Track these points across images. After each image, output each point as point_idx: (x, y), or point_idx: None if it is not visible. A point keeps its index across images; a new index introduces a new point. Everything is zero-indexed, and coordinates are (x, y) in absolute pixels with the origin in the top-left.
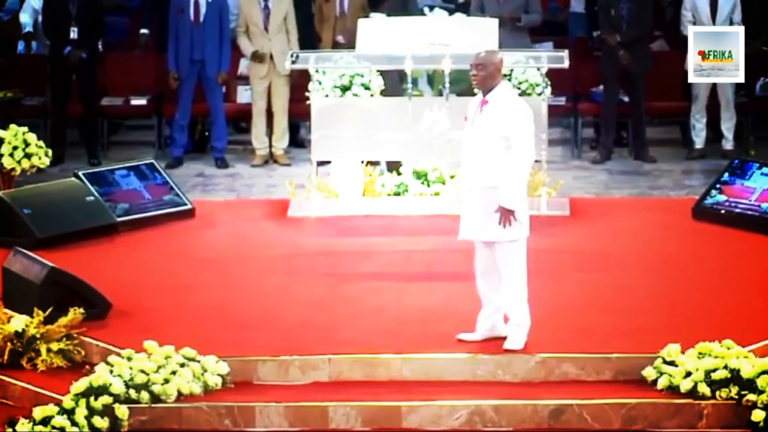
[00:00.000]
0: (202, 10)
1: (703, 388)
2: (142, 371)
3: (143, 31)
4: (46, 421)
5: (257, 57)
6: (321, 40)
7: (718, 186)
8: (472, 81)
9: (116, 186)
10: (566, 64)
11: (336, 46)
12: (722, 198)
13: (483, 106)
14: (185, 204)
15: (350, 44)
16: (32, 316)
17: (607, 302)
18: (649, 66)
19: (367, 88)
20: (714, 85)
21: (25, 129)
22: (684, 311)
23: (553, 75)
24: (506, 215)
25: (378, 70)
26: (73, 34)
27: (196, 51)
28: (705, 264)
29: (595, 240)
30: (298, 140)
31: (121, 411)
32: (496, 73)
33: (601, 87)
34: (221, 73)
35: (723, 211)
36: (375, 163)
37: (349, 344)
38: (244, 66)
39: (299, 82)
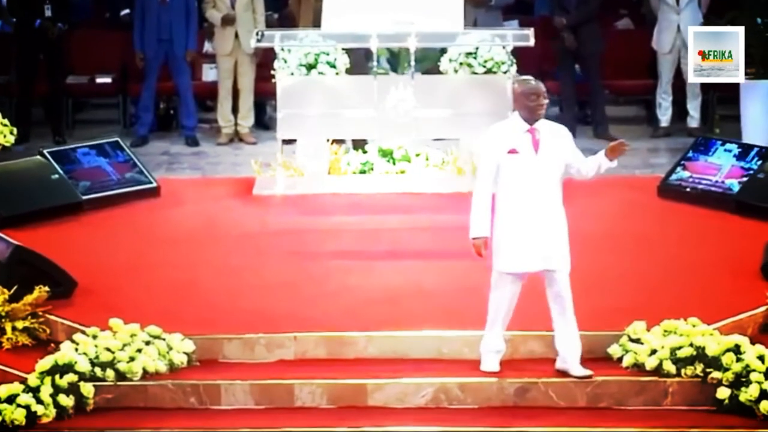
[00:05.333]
0: None
1: (669, 366)
2: (108, 349)
3: (125, 11)
4: (11, 399)
5: (227, 20)
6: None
7: (682, 163)
8: (540, 110)
9: (78, 164)
10: (531, 43)
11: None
12: (686, 174)
13: (536, 134)
14: (150, 182)
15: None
16: None
17: (572, 280)
18: (600, 46)
19: (332, 66)
20: (678, 64)
21: None
22: (649, 289)
23: (518, 53)
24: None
25: (343, 48)
26: (48, 11)
27: (163, 30)
28: (670, 242)
29: None
30: (263, 122)
31: (87, 389)
32: None
33: None
34: (189, 51)
35: (688, 189)
36: (340, 142)
37: (314, 322)
38: (209, 44)
39: (265, 60)
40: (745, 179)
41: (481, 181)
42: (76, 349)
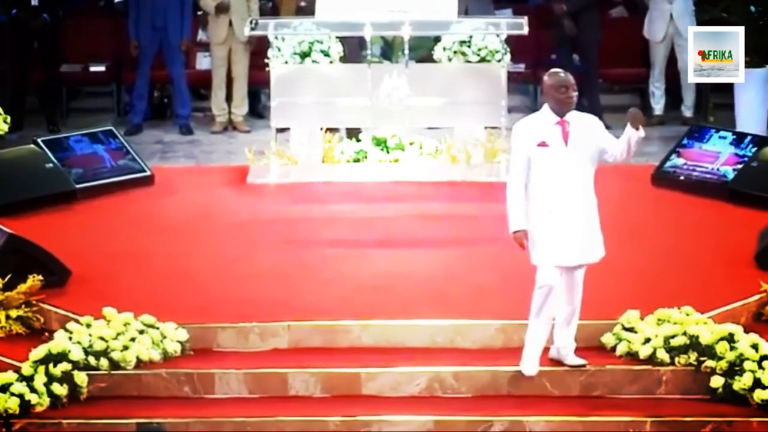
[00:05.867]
0: None
1: (662, 355)
2: (101, 338)
3: None
4: (4, 388)
5: (221, 8)
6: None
7: (677, 150)
8: (569, 103)
9: (71, 151)
10: (525, 31)
11: (299, 11)
12: (681, 161)
13: (567, 127)
14: (144, 171)
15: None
16: None
17: None
18: (598, 34)
19: (326, 54)
20: (672, 52)
21: None
22: (643, 278)
23: (512, 41)
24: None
25: (337, 37)
26: (34, 1)
27: (157, 18)
28: (664, 230)
29: None
30: (257, 110)
31: (80, 378)
32: None
33: None
34: (184, 40)
35: (682, 177)
36: (334, 130)
37: (308, 311)
38: (203, 33)
39: (259, 48)
40: (739, 167)
41: (513, 174)
42: (70, 338)
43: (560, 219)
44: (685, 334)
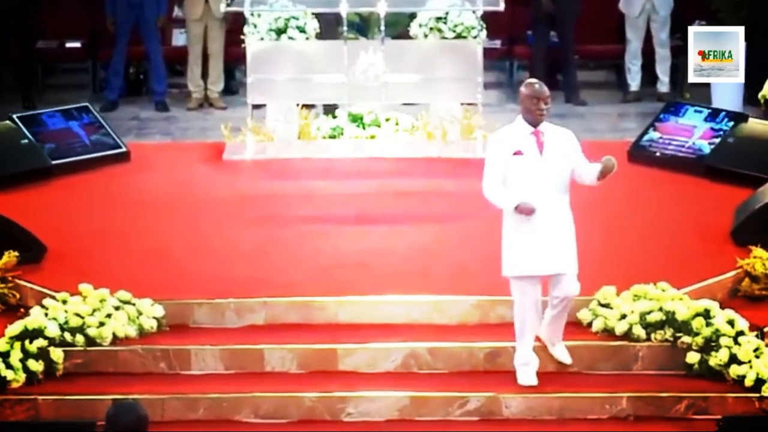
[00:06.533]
0: None
1: (638, 331)
2: (77, 314)
3: None
4: None
5: None
6: None
7: (653, 124)
8: (541, 115)
9: (44, 126)
10: (501, 7)
11: None
12: (656, 135)
13: (540, 137)
14: (120, 147)
15: None
16: None
17: None
18: (577, 9)
19: (302, 31)
20: (648, 28)
21: None
22: (619, 254)
23: (488, 18)
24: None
25: (313, 13)
26: None
27: None
28: (640, 207)
29: None
30: (232, 87)
31: (56, 354)
32: None
33: None
34: (160, 16)
35: (658, 153)
36: (311, 106)
37: (284, 287)
38: (179, 9)
39: (235, 25)
40: (716, 141)
41: (488, 179)
42: (46, 314)
43: (533, 228)
44: (661, 310)
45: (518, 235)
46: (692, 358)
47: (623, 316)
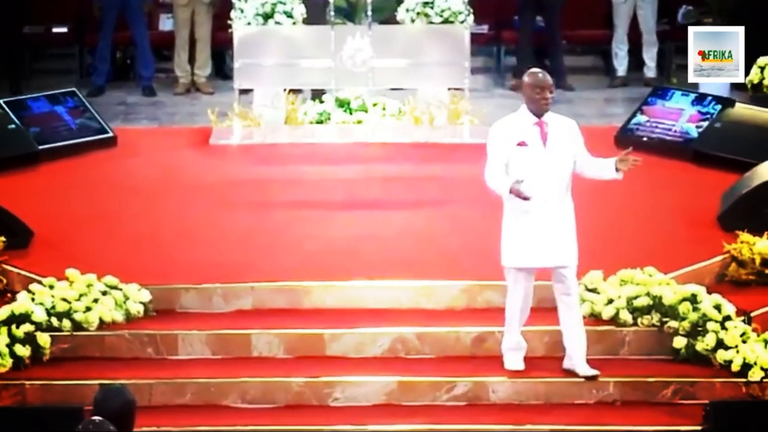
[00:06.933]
0: None
1: (625, 315)
2: (64, 299)
3: None
4: None
5: None
6: None
7: (641, 108)
8: (546, 104)
9: (29, 110)
10: None
11: None
12: (644, 119)
13: (545, 127)
14: (107, 132)
15: None
16: None
17: None
18: None
19: (289, 16)
20: (635, 13)
21: None
22: (606, 239)
23: (475, 3)
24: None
25: None
26: None
27: None
28: (627, 192)
29: None
30: (224, 71)
31: (43, 339)
32: None
33: None
34: (147, 1)
35: (645, 138)
36: (298, 91)
37: (272, 273)
38: None
39: (222, 10)
40: (703, 124)
41: (489, 169)
42: (33, 299)
43: (535, 220)
44: (648, 294)
45: (518, 225)
46: (679, 343)
47: (610, 301)
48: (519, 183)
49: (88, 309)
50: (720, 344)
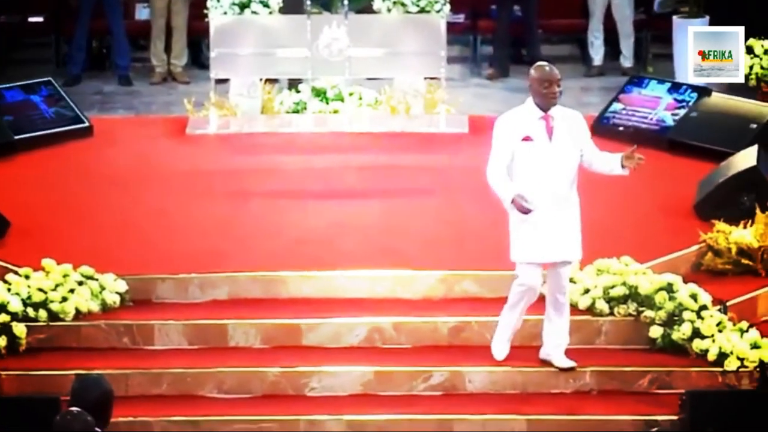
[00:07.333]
0: None
1: (602, 305)
2: (40, 289)
3: None
4: None
5: None
6: None
7: (617, 97)
8: (553, 98)
9: (2, 99)
10: None
11: None
12: (620, 106)
13: (551, 122)
14: (84, 122)
15: None
16: None
17: (506, 219)
18: None
19: (265, 5)
20: (609, 2)
21: None
22: (582, 228)
23: None
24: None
25: None
26: None
27: None
28: (603, 181)
29: None
30: (200, 60)
31: (19, 329)
32: None
33: None
34: None
35: (621, 128)
36: (274, 81)
37: (248, 262)
38: None
39: None
40: (679, 113)
41: (493, 165)
42: (9, 290)
43: (542, 215)
44: (624, 284)
45: (525, 221)
46: (655, 332)
47: (586, 291)
48: (522, 198)
49: (65, 299)
50: (696, 333)
